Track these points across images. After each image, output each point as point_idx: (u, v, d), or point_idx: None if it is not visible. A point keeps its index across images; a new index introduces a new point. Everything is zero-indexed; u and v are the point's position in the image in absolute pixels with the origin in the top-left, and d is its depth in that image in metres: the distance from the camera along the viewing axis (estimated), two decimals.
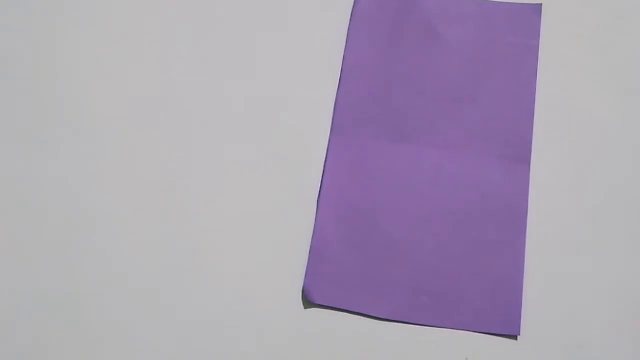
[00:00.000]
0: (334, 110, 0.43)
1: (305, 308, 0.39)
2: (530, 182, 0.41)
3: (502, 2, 0.43)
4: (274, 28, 0.45)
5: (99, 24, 0.45)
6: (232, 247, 0.41)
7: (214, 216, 0.41)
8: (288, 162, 0.42)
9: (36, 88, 0.44)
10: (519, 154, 0.41)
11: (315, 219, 0.41)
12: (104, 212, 0.41)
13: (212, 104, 0.44)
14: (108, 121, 0.43)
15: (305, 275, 0.40)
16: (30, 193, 0.42)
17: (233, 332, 0.39)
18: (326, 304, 0.39)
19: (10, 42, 0.45)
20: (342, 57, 0.44)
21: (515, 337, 0.38)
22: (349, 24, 0.44)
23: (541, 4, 0.43)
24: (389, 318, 0.38)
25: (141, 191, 0.42)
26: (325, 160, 0.42)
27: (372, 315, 0.39)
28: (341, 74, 0.43)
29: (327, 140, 0.42)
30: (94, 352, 0.39)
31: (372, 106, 0.42)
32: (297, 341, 0.39)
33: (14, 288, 0.40)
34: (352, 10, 0.44)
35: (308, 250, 0.41)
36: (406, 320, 0.38)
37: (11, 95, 0.44)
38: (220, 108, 0.44)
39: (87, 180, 0.42)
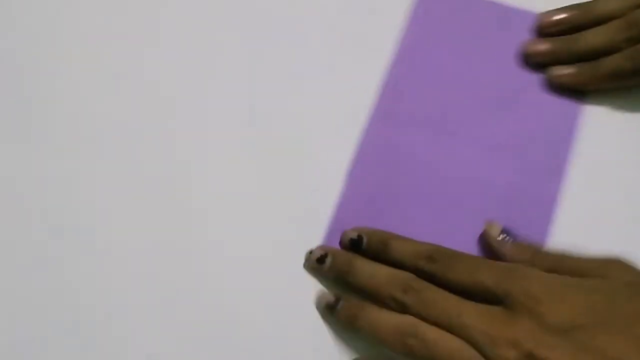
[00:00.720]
0: (380, 95, 0.43)
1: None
2: (563, 193, 0.40)
3: None
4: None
5: (101, 24, 0.45)
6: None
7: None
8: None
9: (36, 88, 0.44)
10: (554, 166, 0.41)
11: (339, 197, 0.41)
12: (105, 212, 0.41)
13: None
14: (111, 122, 0.43)
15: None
16: (30, 193, 0.41)
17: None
18: None
19: (10, 42, 0.45)
20: (395, 45, 0.44)
21: None
22: (410, 17, 0.44)
23: None
24: None
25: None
26: (359, 141, 0.42)
27: None
28: (393, 60, 0.43)
29: (361, 127, 0.42)
30: (94, 353, 0.39)
31: (416, 95, 0.43)
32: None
33: (13, 288, 0.40)
34: (412, 8, 0.45)
35: (325, 231, 0.40)
36: None
37: (11, 95, 0.44)
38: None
39: (88, 181, 0.42)
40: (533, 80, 0.43)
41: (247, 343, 0.38)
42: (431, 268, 0.35)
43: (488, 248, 0.38)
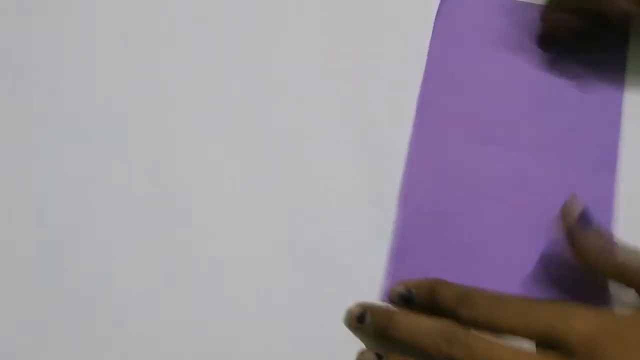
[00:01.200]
0: (417, 106, 0.42)
1: None
2: (616, 192, 0.40)
3: None
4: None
5: (104, 25, 0.45)
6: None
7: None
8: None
9: (36, 88, 0.44)
10: (605, 163, 0.40)
11: (397, 219, 0.40)
12: (108, 213, 0.41)
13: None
14: (111, 122, 0.43)
15: (386, 276, 0.39)
16: (30, 193, 0.41)
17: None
18: None
19: (9, 42, 0.45)
20: (426, 53, 0.43)
21: None
22: (434, 21, 0.44)
23: None
24: None
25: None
26: (407, 159, 0.41)
27: None
28: (424, 70, 0.43)
29: (407, 136, 0.42)
30: (94, 353, 0.38)
31: (455, 105, 0.42)
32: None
33: (12, 288, 0.40)
34: (438, 8, 0.44)
35: (386, 251, 0.40)
36: None
37: (11, 95, 0.43)
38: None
39: (89, 181, 0.42)
40: (569, 75, 0.42)
41: (248, 343, 0.38)
42: (470, 314, 0.34)
43: (565, 231, 0.36)
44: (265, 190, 0.41)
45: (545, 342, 0.32)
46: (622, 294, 0.36)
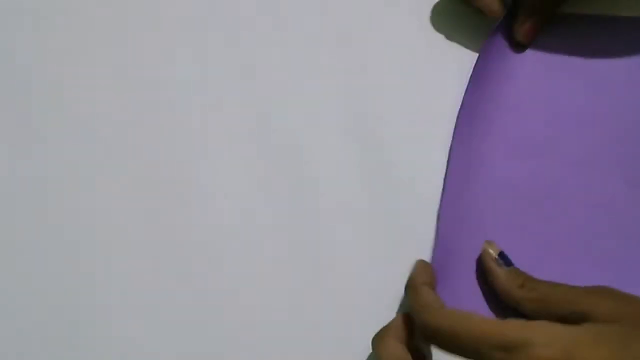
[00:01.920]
0: (458, 117, 0.41)
1: None
2: None
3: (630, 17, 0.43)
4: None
5: (105, 25, 0.45)
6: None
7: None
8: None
9: (36, 88, 0.44)
10: None
11: (437, 230, 0.39)
12: (109, 213, 0.41)
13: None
14: (113, 123, 0.43)
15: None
16: (30, 193, 0.42)
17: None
18: None
19: (10, 42, 0.45)
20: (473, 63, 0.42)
21: None
22: (489, 34, 0.43)
23: None
24: None
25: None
26: (447, 170, 0.41)
27: None
28: (469, 82, 0.42)
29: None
30: (94, 353, 0.39)
31: (495, 118, 0.41)
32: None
33: (13, 289, 0.40)
34: (496, 24, 0.43)
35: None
36: None
37: (12, 95, 0.44)
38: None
39: (90, 181, 0.42)
40: (619, 93, 0.41)
41: (247, 343, 0.39)
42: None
43: (482, 267, 0.37)
44: (265, 190, 0.41)
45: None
46: None
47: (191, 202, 0.41)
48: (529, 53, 0.42)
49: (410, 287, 0.36)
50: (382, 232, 0.40)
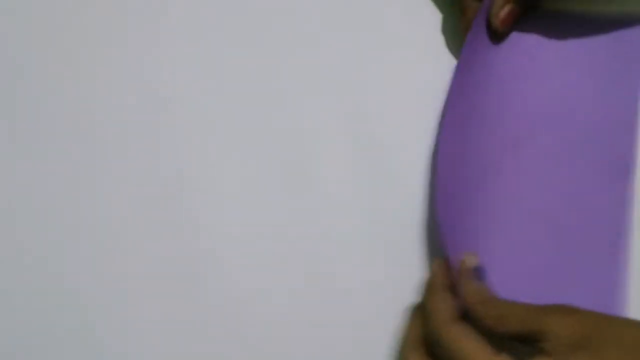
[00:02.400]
0: (443, 109, 0.42)
1: None
2: (635, 196, 0.40)
3: (605, 20, 0.42)
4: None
5: (106, 25, 0.44)
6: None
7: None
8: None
9: (36, 88, 0.43)
10: (623, 169, 0.40)
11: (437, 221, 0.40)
12: (109, 213, 0.41)
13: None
14: (113, 124, 0.43)
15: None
16: (30, 194, 0.41)
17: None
18: None
19: (10, 42, 0.44)
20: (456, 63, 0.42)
21: None
22: (472, 26, 0.42)
23: None
24: None
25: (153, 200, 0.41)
26: (436, 163, 0.40)
27: None
28: (452, 77, 0.41)
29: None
30: (94, 352, 0.39)
31: (478, 113, 0.41)
32: None
33: (13, 289, 0.40)
34: (479, 11, 0.42)
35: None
36: None
37: (12, 95, 0.43)
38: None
39: (90, 181, 0.42)
40: (591, 88, 0.41)
41: (248, 343, 0.39)
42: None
43: (454, 274, 0.37)
44: (266, 190, 0.41)
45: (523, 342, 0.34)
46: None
47: (191, 202, 0.41)
48: (508, 46, 0.42)
49: (428, 288, 0.36)
50: (382, 232, 0.40)
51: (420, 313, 0.37)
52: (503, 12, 0.40)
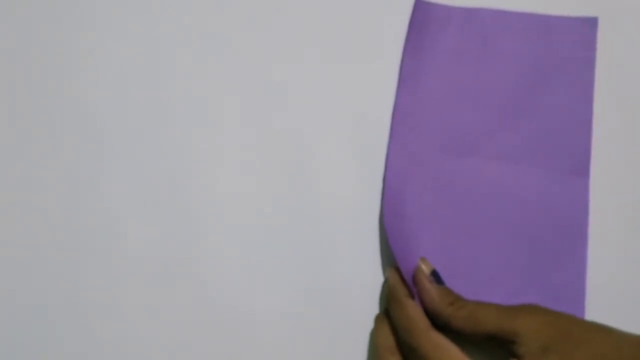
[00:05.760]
0: (392, 118, 0.42)
1: None
2: (590, 194, 0.40)
3: (557, 16, 0.43)
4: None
5: (107, 25, 0.44)
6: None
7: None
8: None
9: (37, 88, 0.43)
10: (578, 166, 0.41)
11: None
12: (109, 213, 0.41)
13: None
14: (114, 124, 0.43)
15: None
16: (31, 194, 0.42)
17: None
18: None
19: (10, 42, 0.44)
20: (399, 66, 0.43)
21: None
22: (406, 35, 0.43)
23: (597, 17, 0.43)
24: None
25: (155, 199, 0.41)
26: (385, 172, 0.41)
27: None
28: (398, 83, 0.42)
29: (384, 146, 0.42)
30: (94, 353, 0.39)
31: (430, 117, 0.42)
32: None
33: (14, 289, 0.40)
34: (409, 22, 0.43)
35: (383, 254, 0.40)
36: None
37: (12, 95, 0.43)
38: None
39: (92, 182, 0.42)
40: (545, 88, 0.42)
41: (247, 343, 0.39)
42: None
43: (415, 283, 0.37)
44: (265, 190, 0.41)
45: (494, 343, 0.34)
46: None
47: (191, 202, 0.41)
48: (445, 48, 0.43)
49: (395, 300, 0.36)
50: (382, 232, 0.40)
51: (388, 320, 0.37)
52: None
